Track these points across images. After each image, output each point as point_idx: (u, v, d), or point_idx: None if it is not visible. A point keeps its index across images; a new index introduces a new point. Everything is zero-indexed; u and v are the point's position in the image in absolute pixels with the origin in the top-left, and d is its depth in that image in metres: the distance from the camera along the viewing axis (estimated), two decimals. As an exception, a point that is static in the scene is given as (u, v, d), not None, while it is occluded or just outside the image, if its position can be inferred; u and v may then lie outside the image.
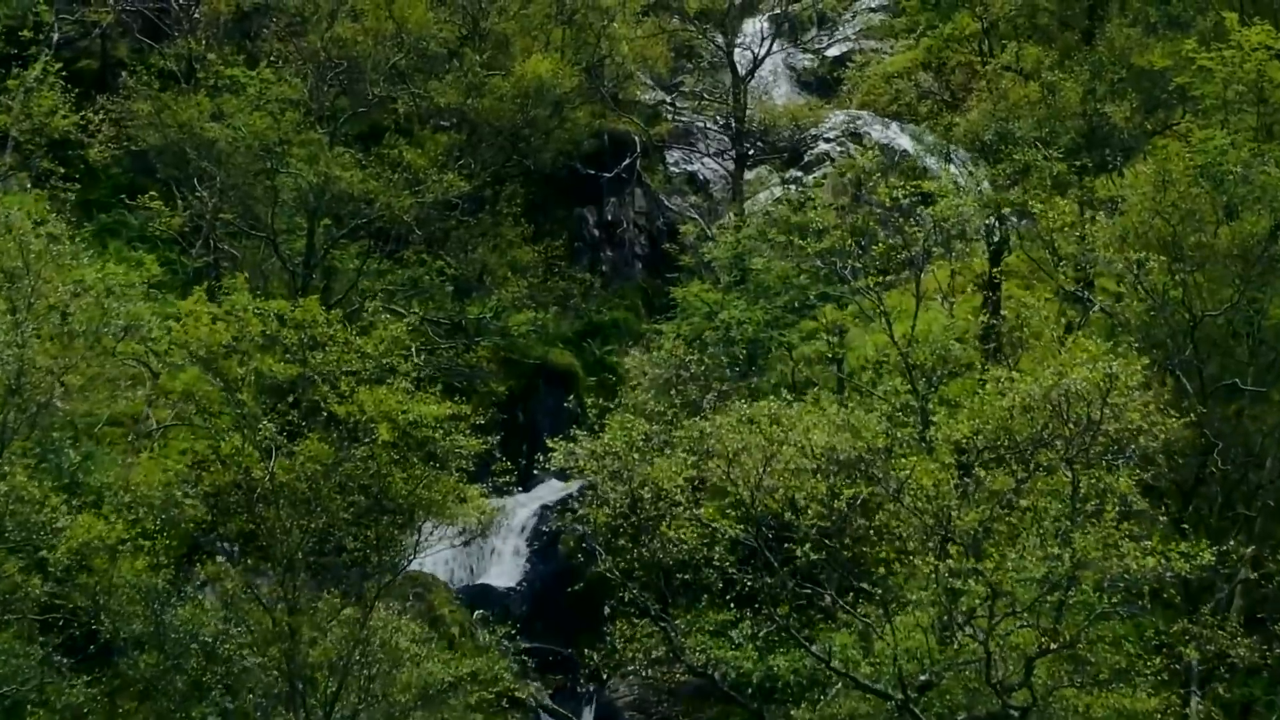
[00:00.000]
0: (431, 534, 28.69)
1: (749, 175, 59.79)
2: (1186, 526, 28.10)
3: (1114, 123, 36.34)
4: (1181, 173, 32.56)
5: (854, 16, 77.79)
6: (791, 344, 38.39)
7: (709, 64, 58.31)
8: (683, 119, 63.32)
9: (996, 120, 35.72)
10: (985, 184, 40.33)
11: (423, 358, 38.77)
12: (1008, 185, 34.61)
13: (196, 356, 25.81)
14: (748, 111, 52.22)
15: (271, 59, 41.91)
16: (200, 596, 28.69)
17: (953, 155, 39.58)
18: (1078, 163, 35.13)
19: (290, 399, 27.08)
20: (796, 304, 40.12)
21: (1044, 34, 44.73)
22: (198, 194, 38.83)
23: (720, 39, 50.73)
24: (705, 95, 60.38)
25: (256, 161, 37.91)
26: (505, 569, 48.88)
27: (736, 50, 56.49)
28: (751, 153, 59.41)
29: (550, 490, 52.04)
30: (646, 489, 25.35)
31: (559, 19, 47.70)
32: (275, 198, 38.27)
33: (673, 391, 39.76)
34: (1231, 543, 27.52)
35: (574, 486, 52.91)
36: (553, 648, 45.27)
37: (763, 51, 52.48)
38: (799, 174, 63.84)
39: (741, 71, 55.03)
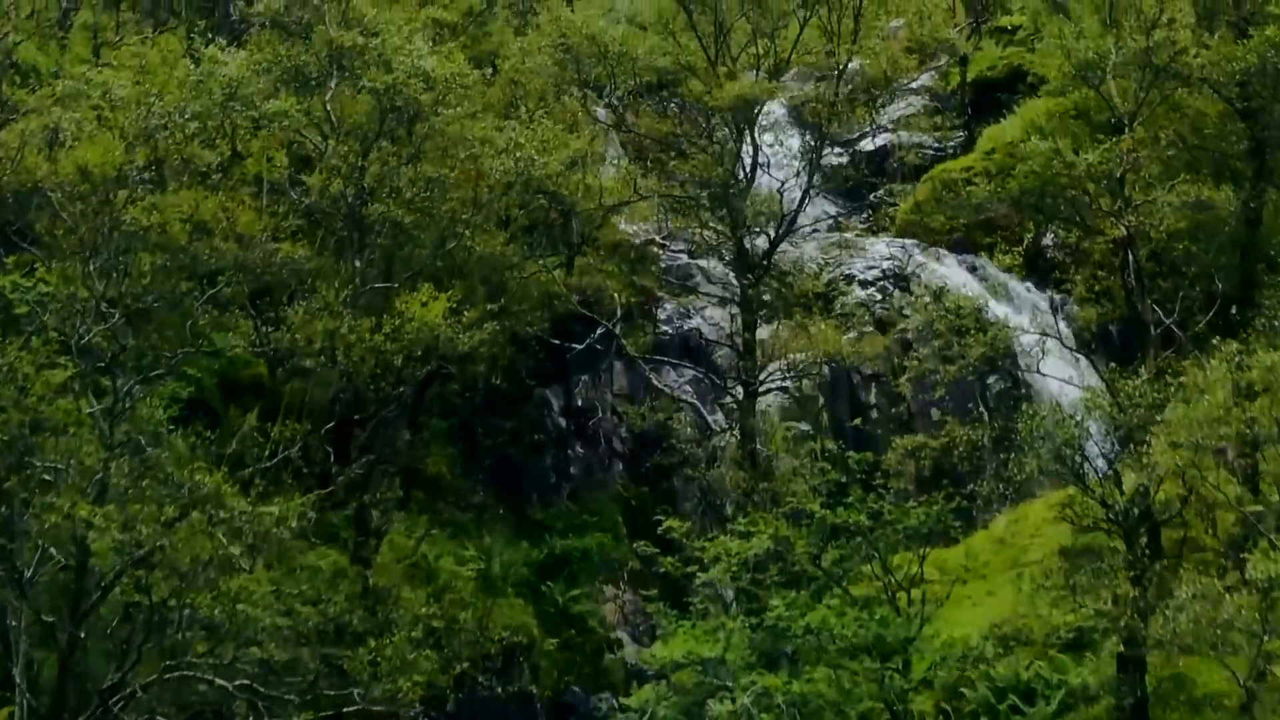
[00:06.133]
0: None
1: (763, 332, 44.98)
2: None
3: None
4: None
5: (890, 100, 63.35)
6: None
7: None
8: (678, 257, 48.80)
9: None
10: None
11: None
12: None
13: None
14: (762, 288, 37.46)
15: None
16: None
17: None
18: None
19: None
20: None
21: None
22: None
23: (725, 210, 36.02)
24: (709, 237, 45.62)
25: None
26: None
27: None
28: (767, 296, 44.60)
29: None
30: None
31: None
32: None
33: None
34: None
35: None
36: None
37: (785, 221, 37.64)
38: (829, 326, 49.39)
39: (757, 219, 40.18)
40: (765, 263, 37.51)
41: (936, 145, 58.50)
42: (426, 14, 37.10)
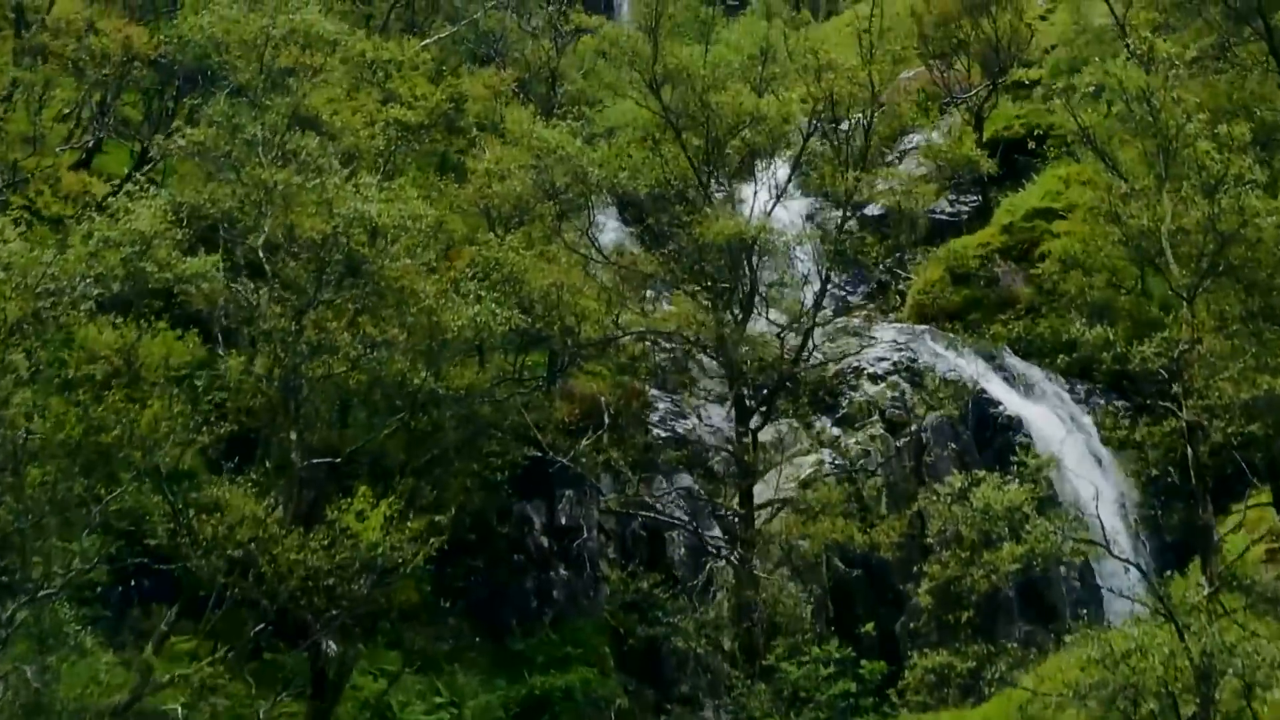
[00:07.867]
0: None
1: (766, 435, 41.08)
2: None
3: None
4: None
5: (899, 158, 59.11)
6: None
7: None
8: (673, 352, 44.95)
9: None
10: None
11: None
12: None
13: None
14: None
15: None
16: None
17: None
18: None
19: None
20: None
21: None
22: None
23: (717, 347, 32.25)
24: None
25: None
26: None
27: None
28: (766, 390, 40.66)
29: None
30: None
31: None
32: None
33: None
34: None
35: None
36: None
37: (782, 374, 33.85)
38: (836, 431, 45.48)
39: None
40: (765, 409, 33.63)
41: (951, 212, 54.97)
42: (390, 113, 33.42)
